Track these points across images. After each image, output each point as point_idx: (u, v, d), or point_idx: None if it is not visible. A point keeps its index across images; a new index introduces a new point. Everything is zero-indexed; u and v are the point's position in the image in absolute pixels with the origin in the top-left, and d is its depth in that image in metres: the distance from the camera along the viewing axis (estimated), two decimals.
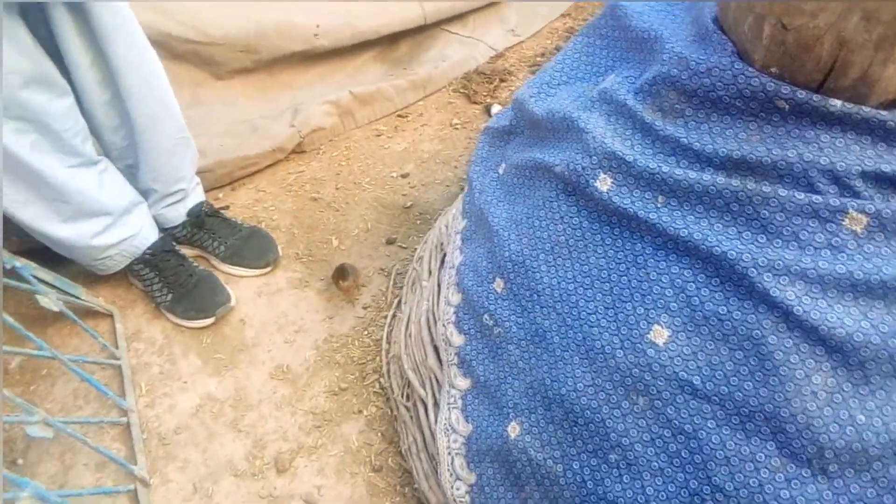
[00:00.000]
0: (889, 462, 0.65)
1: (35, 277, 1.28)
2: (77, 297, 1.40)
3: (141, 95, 1.29)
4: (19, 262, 1.25)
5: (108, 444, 1.26)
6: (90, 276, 1.48)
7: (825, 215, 0.69)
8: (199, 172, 1.57)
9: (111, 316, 1.48)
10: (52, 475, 1.23)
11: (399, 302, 1.39)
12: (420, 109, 1.90)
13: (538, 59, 2.00)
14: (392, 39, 2.00)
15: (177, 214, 1.51)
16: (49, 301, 1.24)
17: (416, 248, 1.50)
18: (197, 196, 1.53)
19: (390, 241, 1.55)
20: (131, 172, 1.42)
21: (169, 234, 1.51)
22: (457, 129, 1.83)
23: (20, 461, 1.25)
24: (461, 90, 1.93)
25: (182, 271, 1.45)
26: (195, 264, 1.49)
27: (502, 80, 1.89)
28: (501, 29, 2.10)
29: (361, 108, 1.84)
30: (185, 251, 1.52)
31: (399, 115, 1.89)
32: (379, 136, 1.84)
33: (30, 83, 1.10)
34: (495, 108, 1.83)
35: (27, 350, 1.16)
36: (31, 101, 1.12)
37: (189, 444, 1.26)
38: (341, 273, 1.41)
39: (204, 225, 1.53)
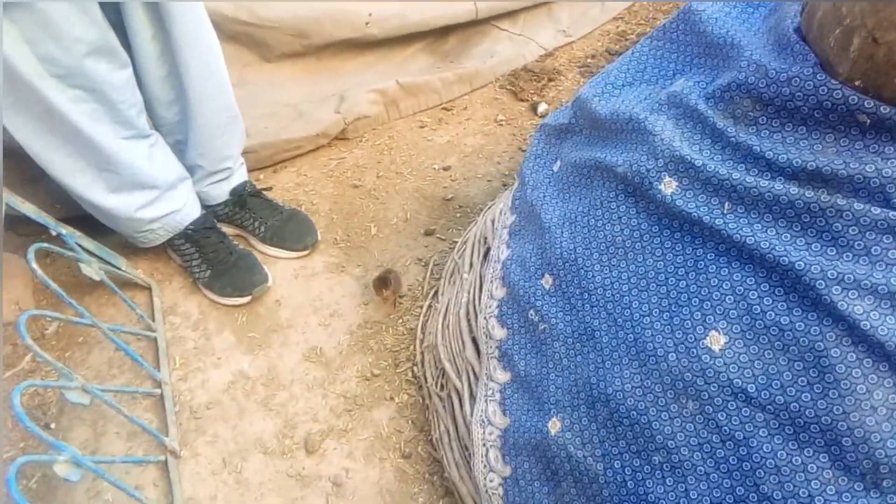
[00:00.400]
0: None
1: (79, 245, 1.30)
2: (118, 268, 1.42)
3: (197, 72, 1.30)
4: (65, 230, 1.27)
5: (140, 414, 1.27)
6: (129, 248, 1.50)
7: None
8: (243, 153, 1.59)
9: (149, 289, 1.50)
10: (84, 441, 1.24)
11: (436, 293, 1.39)
12: (465, 103, 1.90)
13: (588, 60, 2.00)
14: (442, 32, 2.00)
15: (220, 192, 1.52)
16: (91, 270, 1.26)
17: (454, 241, 1.50)
18: (241, 175, 1.55)
19: (429, 233, 1.55)
20: (180, 148, 1.43)
21: (211, 212, 1.52)
22: (501, 125, 1.83)
23: (52, 425, 1.27)
24: (508, 87, 1.93)
25: (222, 248, 1.46)
26: (235, 243, 1.50)
27: (550, 80, 1.89)
28: (552, 28, 2.09)
29: (407, 98, 1.84)
30: (225, 229, 1.53)
31: (444, 108, 1.89)
32: (423, 127, 1.84)
33: (94, 52, 1.12)
34: (542, 107, 1.82)
35: (68, 316, 1.18)
36: (94, 71, 1.13)
37: (219, 419, 1.27)
38: (383, 282, 1.38)
39: (246, 204, 1.54)
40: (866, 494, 0.67)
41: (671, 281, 0.81)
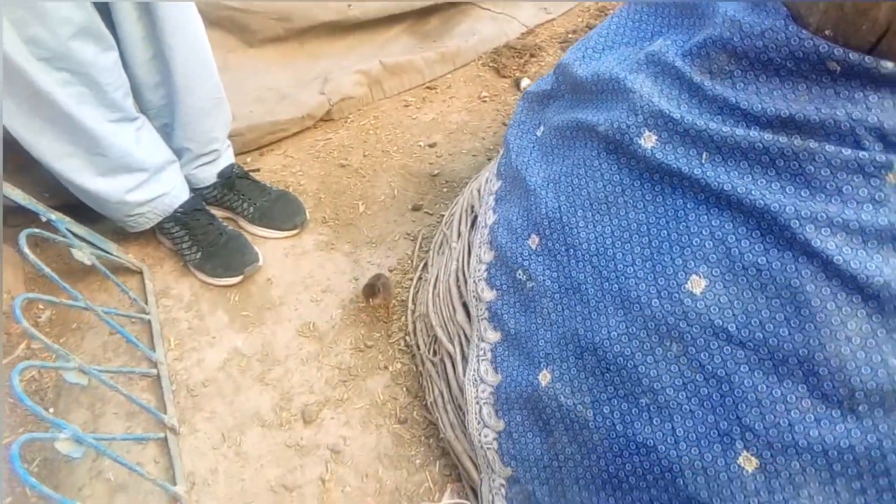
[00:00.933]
0: None
1: (70, 231, 1.31)
2: (108, 253, 1.43)
3: (182, 55, 1.31)
4: (55, 216, 1.28)
5: (137, 394, 1.29)
6: (120, 234, 1.51)
7: (870, 171, 0.71)
8: (230, 136, 1.60)
9: (140, 273, 1.51)
10: (83, 423, 1.25)
11: (425, 265, 1.41)
12: (449, 82, 1.92)
13: (569, 35, 2.02)
14: (423, 13, 2.02)
15: (208, 175, 1.53)
16: (83, 255, 1.27)
17: (442, 215, 1.53)
18: (228, 158, 1.56)
19: (416, 208, 1.58)
20: (166, 132, 1.44)
21: (199, 195, 1.53)
22: (485, 101, 1.85)
23: (51, 410, 1.28)
24: (490, 64, 1.95)
25: (212, 230, 1.47)
26: (224, 224, 1.51)
27: (532, 56, 1.91)
28: (533, 6, 2.11)
29: (391, 78, 1.86)
30: (215, 212, 1.55)
31: (428, 87, 1.91)
32: (407, 106, 1.86)
33: (80, 34, 1.12)
34: (525, 83, 1.85)
35: (62, 300, 1.19)
36: (80, 52, 1.14)
37: (216, 395, 1.29)
38: (371, 291, 1.34)
39: (234, 186, 1.56)
40: (843, 420, 0.71)
41: (653, 231, 0.84)
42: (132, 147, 1.31)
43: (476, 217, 1.22)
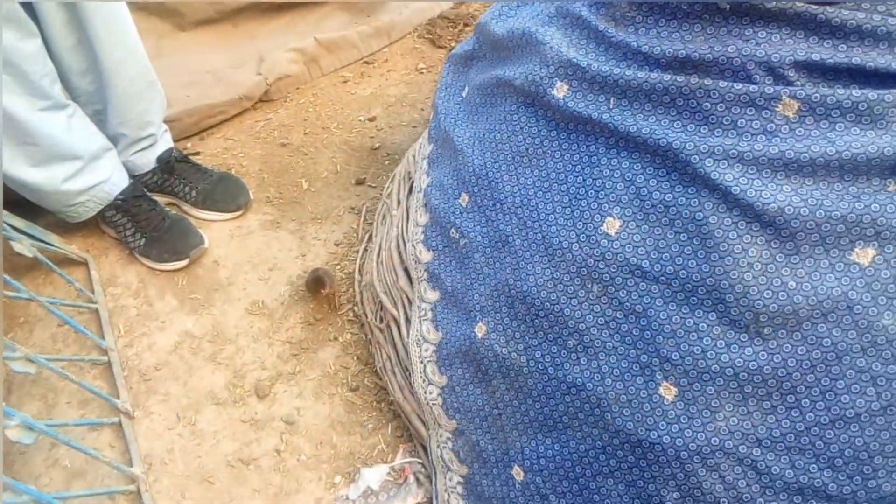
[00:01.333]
0: (817, 321, 0.72)
1: (8, 224, 1.29)
2: (50, 244, 1.42)
3: (106, 38, 1.30)
4: None
5: (89, 382, 1.28)
6: (63, 227, 1.50)
7: (761, 103, 0.75)
8: (167, 122, 1.58)
9: (85, 264, 1.49)
10: (36, 414, 1.25)
11: (370, 236, 1.43)
12: (386, 56, 1.93)
13: None
14: None
15: (146, 161, 1.52)
16: (22, 247, 1.25)
17: (384, 187, 1.54)
18: (166, 142, 1.55)
19: (359, 182, 1.59)
20: (99, 118, 1.43)
21: (139, 181, 1.52)
22: (422, 73, 1.86)
23: (3, 404, 1.27)
24: (426, 35, 1.95)
25: (154, 216, 1.47)
26: (167, 209, 1.51)
27: (466, 25, 1.92)
28: None
29: (327, 55, 1.85)
30: (157, 198, 1.54)
31: (365, 62, 1.91)
32: (345, 82, 1.86)
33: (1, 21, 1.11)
34: None
35: (8, 293, 1.18)
36: (2, 40, 1.12)
37: (169, 378, 1.30)
38: (318, 282, 1.33)
39: (174, 171, 1.55)
40: (751, 343, 0.75)
41: (570, 178, 0.86)
42: (64, 135, 1.30)
43: (412, 183, 1.24)
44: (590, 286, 0.83)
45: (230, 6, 1.85)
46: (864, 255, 0.71)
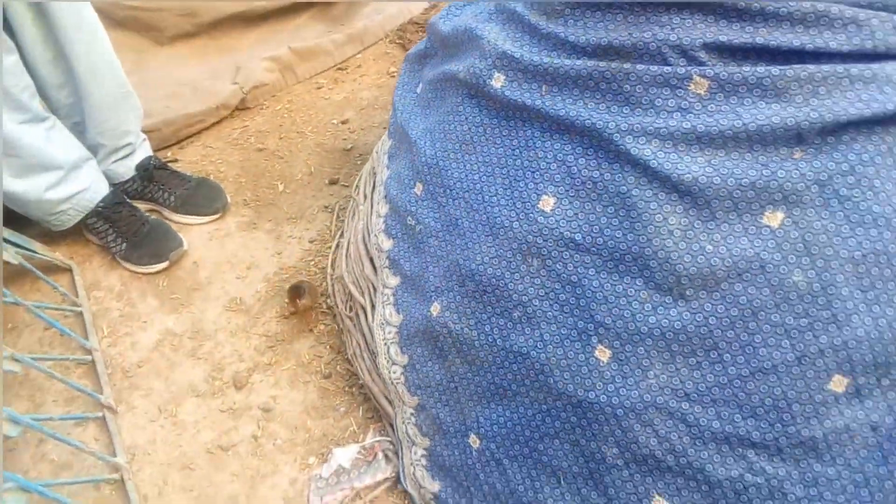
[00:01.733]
0: (733, 281, 0.78)
1: None
2: (34, 252, 1.47)
3: (82, 52, 1.36)
4: None
5: (74, 381, 1.34)
6: (47, 237, 1.56)
7: (675, 83, 0.81)
8: (147, 132, 1.65)
9: (70, 270, 1.55)
10: (23, 412, 1.30)
11: (342, 232, 1.49)
12: (359, 61, 2.00)
13: None
14: None
15: (126, 169, 1.58)
16: (8, 255, 1.31)
17: (354, 185, 1.60)
18: (145, 151, 1.61)
19: (333, 182, 1.65)
20: (79, 130, 1.49)
21: (120, 189, 1.58)
22: (394, 77, 1.93)
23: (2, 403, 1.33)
24: (397, 41, 2.02)
25: (134, 221, 1.53)
26: (147, 214, 1.57)
27: None
28: None
29: (301, 63, 1.92)
30: (138, 205, 1.59)
31: (339, 69, 1.98)
32: (319, 88, 1.93)
33: None
34: None
35: None
36: None
37: (151, 374, 1.35)
38: (296, 291, 1.35)
39: (153, 178, 1.61)
40: (675, 304, 0.81)
41: (510, 162, 0.93)
42: (43, 146, 1.36)
43: (377, 177, 1.30)
44: (530, 261, 0.89)
45: (206, 20, 1.91)
46: (774, 218, 0.78)
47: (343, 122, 1.80)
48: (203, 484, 1.18)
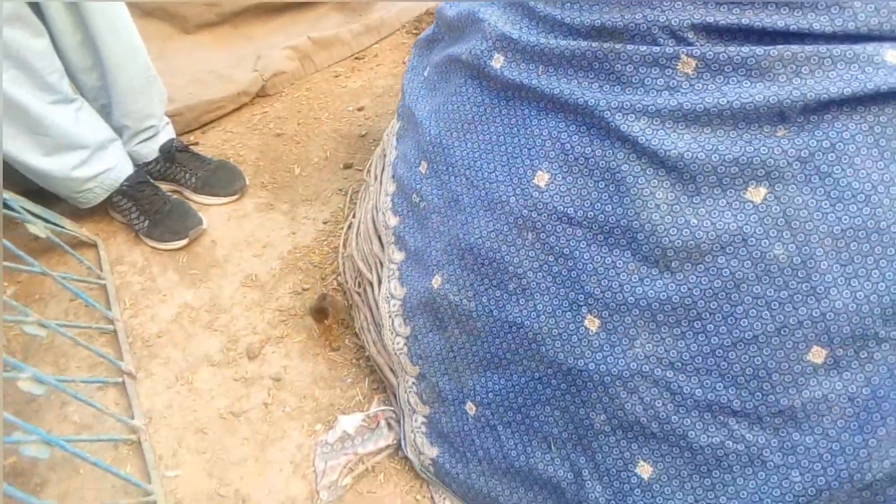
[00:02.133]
0: (717, 254, 0.81)
1: (23, 208, 1.42)
2: (62, 227, 1.55)
3: (109, 38, 1.43)
4: (7, 195, 1.40)
5: (97, 348, 1.41)
6: (74, 214, 1.63)
7: (663, 62, 0.84)
8: (171, 116, 1.72)
9: (95, 246, 1.63)
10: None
11: (354, 213, 1.54)
12: (375, 51, 2.05)
13: None
14: None
15: (149, 150, 1.65)
16: (37, 228, 1.38)
17: (366, 168, 1.65)
18: (168, 133, 1.68)
19: (347, 166, 1.70)
20: (105, 112, 1.56)
21: (143, 169, 1.65)
22: None
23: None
24: (413, 31, 2.07)
25: (156, 199, 1.59)
26: (169, 194, 1.63)
27: None
28: None
29: (320, 52, 1.98)
30: (161, 185, 1.66)
31: (356, 58, 2.03)
32: (337, 76, 1.98)
33: (13, 21, 1.24)
34: None
35: (21, 266, 1.30)
36: (14, 38, 1.26)
37: (169, 344, 1.41)
38: (321, 312, 1.34)
39: (175, 159, 1.67)
40: (661, 276, 0.84)
41: (507, 140, 0.97)
42: (72, 126, 1.43)
43: (386, 158, 1.35)
44: (525, 234, 0.93)
45: (229, 9, 1.98)
46: (757, 194, 0.81)
47: (359, 109, 1.85)
48: (216, 447, 1.24)
